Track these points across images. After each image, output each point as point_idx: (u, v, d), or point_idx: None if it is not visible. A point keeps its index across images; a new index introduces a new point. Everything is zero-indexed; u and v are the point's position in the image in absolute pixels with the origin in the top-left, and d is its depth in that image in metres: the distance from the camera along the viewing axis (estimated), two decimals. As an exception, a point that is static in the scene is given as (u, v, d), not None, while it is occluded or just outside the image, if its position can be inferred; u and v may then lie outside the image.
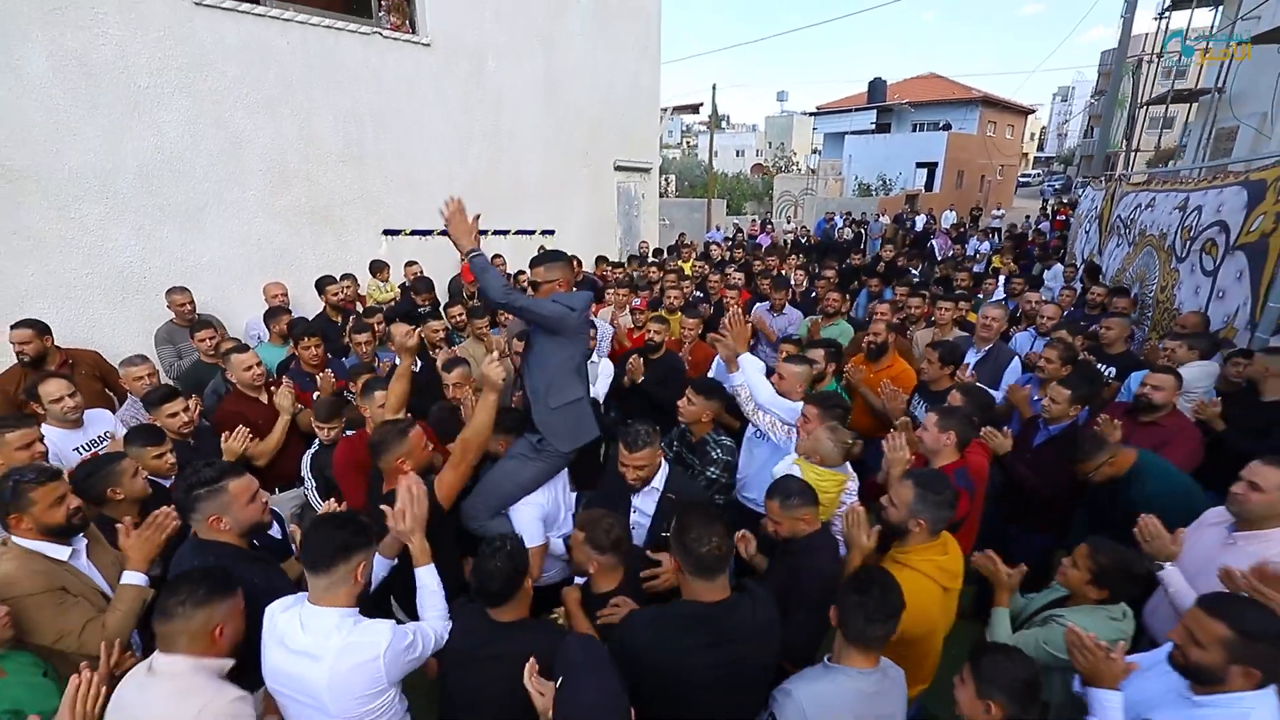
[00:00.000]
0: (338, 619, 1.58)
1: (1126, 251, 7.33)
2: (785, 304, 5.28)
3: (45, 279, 4.46)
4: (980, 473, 2.88)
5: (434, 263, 6.50)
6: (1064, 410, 3.12)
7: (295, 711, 1.62)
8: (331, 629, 1.55)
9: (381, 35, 6.10)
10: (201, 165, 5.10)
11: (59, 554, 2.02)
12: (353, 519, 1.74)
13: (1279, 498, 2.12)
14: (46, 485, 1.97)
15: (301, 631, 1.55)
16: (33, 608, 1.88)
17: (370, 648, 1.57)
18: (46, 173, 4.36)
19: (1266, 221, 4.28)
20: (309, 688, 1.55)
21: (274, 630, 1.61)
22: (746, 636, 1.66)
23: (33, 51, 4.18)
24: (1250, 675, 1.53)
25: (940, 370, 3.44)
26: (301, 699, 1.58)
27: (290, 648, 1.56)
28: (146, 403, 3.10)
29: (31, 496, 1.94)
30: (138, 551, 2.04)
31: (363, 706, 1.56)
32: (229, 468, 2.06)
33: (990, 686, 1.62)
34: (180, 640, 1.49)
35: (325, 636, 1.54)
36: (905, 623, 1.96)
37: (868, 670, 1.65)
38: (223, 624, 1.53)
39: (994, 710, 1.59)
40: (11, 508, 1.94)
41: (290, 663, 1.56)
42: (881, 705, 1.64)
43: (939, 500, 2.03)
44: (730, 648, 1.63)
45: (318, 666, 1.52)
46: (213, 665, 1.53)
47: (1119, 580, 2.05)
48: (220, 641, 1.53)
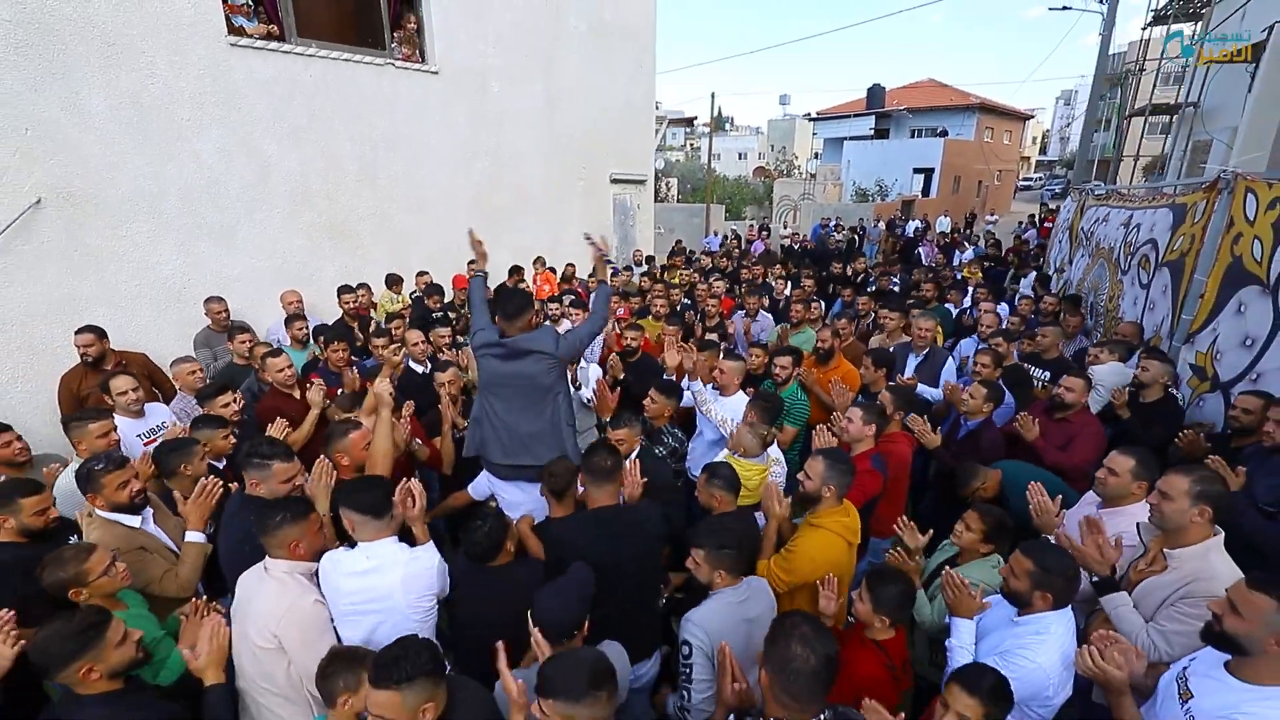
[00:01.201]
0: (394, 544, 2.16)
1: (1087, 262, 7.83)
2: (759, 310, 5.81)
3: (101, 289, 5.06)
4: (901, 459, 3.43)
5: (441, 270, 7.08)
6: (978, 406, 3.62)
7: (365, 626, 2.09)
8: (395, 550, 2.14)
9: (394, 66, 6.69)
10: (234, 188, 5.70)
11: (133, 522, 2.59)
12: (385, 483, 2.33)
13: (1129, 480, 2.52)
14: (115, 472, 2.52)
15: (365, 559, 2.11)
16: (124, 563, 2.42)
17: (429, 559, 2.16)
18: (103, 197, 4.97)
19: (1185, 242, 4.78)
20: (380, 592, 2.07)
21: (337, 569, 2.13)
22: (627, 529, 2.44)
23: (93, 92, 4.79)
24: (1046, 599, 2.06)
25: (875, 373, 3.97)
26: (370, 608, 2.07)
27: (358, 571, 2.10)
28: (201, 396, 3.68)
29: (103, 481, 2.50)
30: (195, 515, 2.60)
31: (423, 601, 2.12)
32: (281, 452, 2.60)
33: (880, 602, 2.19)
34: (277, 551, 2.10)
35: (391, 555, 2.12)
36: (821, 571, 2.52)
37: (734, 586, 2.20)
38: (298, 540, 2.11)
39: (884, 620, 2.18)
40: (89, 489, 2.51)
41: (358, 582, 2.08)
42: (750, 608, 2.19)
43: (843, 469, 2.57)
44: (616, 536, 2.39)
45: (389, 574, 2.07)
46: (302, 568, 2.12)
47: (1000, 534, 2.61)
48: (300, 551, 2.11)
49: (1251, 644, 1.62)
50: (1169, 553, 2.16)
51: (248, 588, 2.11)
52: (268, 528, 2.09)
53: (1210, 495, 2.13)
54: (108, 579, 2.12)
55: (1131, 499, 2.54)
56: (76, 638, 1.75)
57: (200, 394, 3.68)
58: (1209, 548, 2.10)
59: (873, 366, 3.97)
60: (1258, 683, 1.62)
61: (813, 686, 1.59)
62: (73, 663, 1.73)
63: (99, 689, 1.78)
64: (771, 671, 1.62)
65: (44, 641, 1.75)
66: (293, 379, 4.00)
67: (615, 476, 2.53)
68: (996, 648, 2.09)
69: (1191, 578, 2.04)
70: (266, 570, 2.11)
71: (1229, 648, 1.68)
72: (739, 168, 42.63)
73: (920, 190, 27.92)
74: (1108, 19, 11.25)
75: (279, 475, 2.52)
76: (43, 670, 1.77)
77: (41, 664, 1.75)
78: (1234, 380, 3.86)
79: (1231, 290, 4.04)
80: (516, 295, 3.20)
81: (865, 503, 2.98)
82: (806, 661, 1.57)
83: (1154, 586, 2.14)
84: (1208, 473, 2.19)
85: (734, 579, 2.19)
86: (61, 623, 1.80)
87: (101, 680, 1.78)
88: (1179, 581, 2.07)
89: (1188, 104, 11.88)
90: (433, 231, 7.25)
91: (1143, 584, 2.19)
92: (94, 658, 1.76)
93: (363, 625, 2.11)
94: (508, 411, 3.00)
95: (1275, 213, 3.70)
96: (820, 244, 15.53)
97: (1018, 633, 2.11)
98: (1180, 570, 2.10)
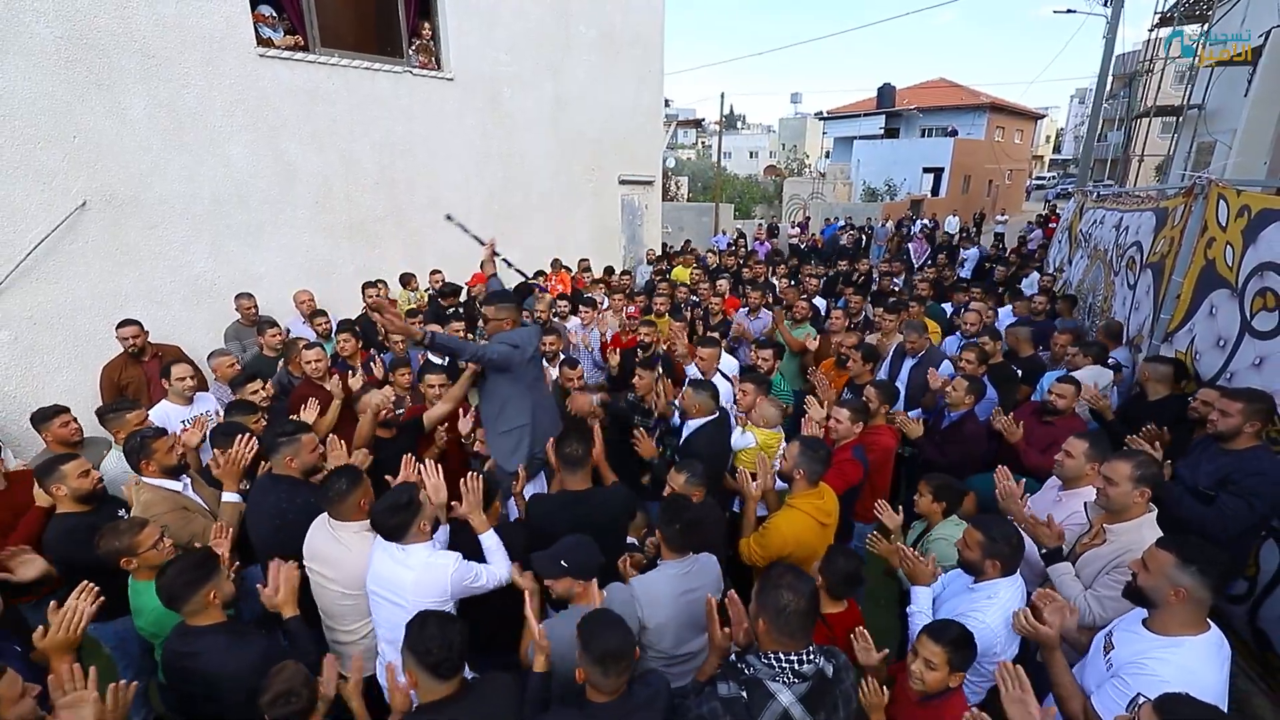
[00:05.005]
0: (426, 549, 2.36)
1: (1085, 263, 8.00)
2: (761, 306, 6.05)
3: (138, 286, 5.41)
4: (884, 449, 3.67)
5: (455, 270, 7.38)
6: (961, 399, 3.85)
7: (386, 611, 2.31)
8: (423, 552, 2.33)
9: (411, 73, 6.99)
10: (261, 190, 6.03)
11: (175, 487, 2.96)
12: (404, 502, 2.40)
13: (1084, 461, 2.75)
14: (162, 439, 2.95)
15: (400, 549, 2.31)
16: (171, 520, 2.77)
17: (442, 568, 2.32)
18: (142, 200, 5.31)
19: (1164, 244, 4.97)
20: (400, 587, 2.26)
21: (378, 548, 2.39)
22: (596, 507, 2.81)
23: (135, 101, 5.13)
24: (995, 566, 2.31)
25: (862, 367, 4.22)
26: (392, 598, 2.28)
27: (394, 557, 2.31)
28: (233, 384, 4.00)
29: (154, 446, 2.89)
30: (229, 477, 2.94)
31: (430, 604, 2.28)
32: (305, 426, 3.00)
33: (825, 570, 2.46)
34: (349, 513, 2.46)
35: (417, 555, 2.31)
36: (791, 548, 2.79)
37: (679, 560, 2.41)
38: (364, 498, 2.48)
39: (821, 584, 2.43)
40: (142, 455, 2.86)
41: (392, 568, 2.30)
42: (691, 581, 2.39)
43: (813, 457, 2.81)
44: (587, 515, 2.72)
45: (410, 572, 2.27)
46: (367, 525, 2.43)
47: (945, 493, 2.91)
48: (365, 508, 2.46)
49: (1157, 596, 1.86)
50: (1108, 527, 2.41)
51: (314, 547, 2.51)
52: (338, 495, 2.42)
53: (1149, 478, 2.38)
54: (155, 552, 2.38)
55: (1086, 479, 2.76)
56: (201, 566, 2.10)
57: (233, 382, 4.00)
58: (1143, 523, 2.35)
59: (860, 360, 4.22)
60: (1164, 633, 1.87)
61: (805, 623, 1.83)
62: (202, 586, 2.06)
63: (214, 618, 2.10)
64: (767, 618, 1.84)
65: (174, 575, 2.06)
66: (322, 370, 4.32)
67: (586, 464, 2.87)
68: (954, 610, 2.34)
69: (1125, 549, 2.28)
70: (337, 539, 2.45)
71: (1141, 601, 1.93)
72: (750, 166, 42.66)
73: (930, 190, 27.93)
74: (1111, 22, 11.34)
75: (307, 445, 2.89)
76: (174, 599, 2.05)
77: (174, 593, 2.05)
78: (1214, 378, 4.04)
79: (1206, 292, 4.23)
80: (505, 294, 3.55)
81: (846, 490, 3.23)
82: (797, 604, 1.81)
83: (1093, 557, 2.39)
84: (1145, 458, 2.43)
85: (676, 553, 2.43)
86: (181, 559, 2.14)
87: (217, 608, 2.11)
88: (1115, 553, 2.32)
89: (1192, 106, 11.96)
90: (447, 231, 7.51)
91: (1084, 555, 2.44)
92: (215, 584, 2.10)
93: (382, 610, 2.36)
94: (543, 401, 3.37)
95: (1244, 220, 3.89)
96: (832, 243, 15.69)
97: (972, 598, 2.36)
98: (1117, 542, 2.34)
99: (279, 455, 2.84)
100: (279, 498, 2.79)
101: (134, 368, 4.70)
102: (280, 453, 2.83)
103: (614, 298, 6.22)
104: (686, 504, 2.50)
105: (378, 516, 2.33)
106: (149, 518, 2.64)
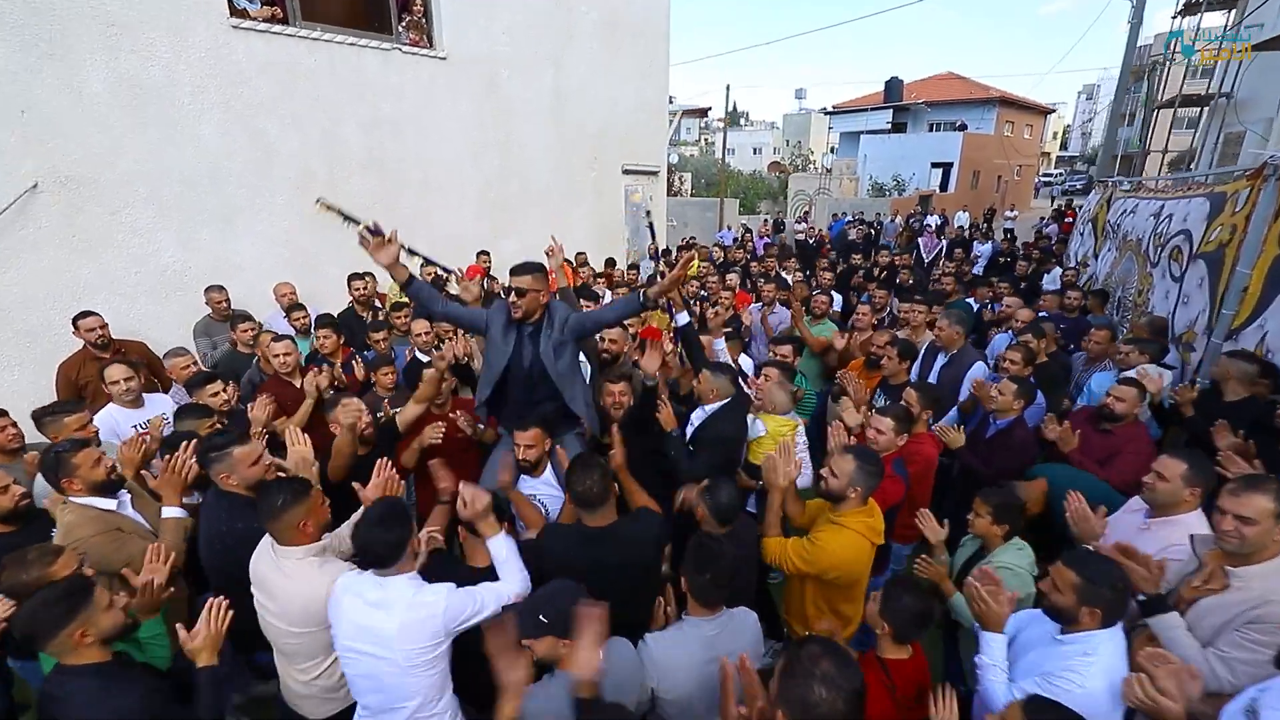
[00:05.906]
0: (407, 581, 1.94)
1: (1114, 256, 7.55)
2: (776, 300, 5.64)
3: (99, 276, 4.97)
4: (927, 460, 3.23)
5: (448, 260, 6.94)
6: (1008, 404, 3.40)
7: (366, 666, 1.90)
8: (405, 587, 1.91)
9: (400, 51, 6.55)
10: (236, 173, 5.59)
11: (108, 505, 2.49)
12: (400, 513, 2.04)
13: (1181, 486, 2.29)
14: (83, 451, 2.43)
15: (377, 588, 1.91)
16: (99, 545, 2.33)
17: (431, 606, 1.90)
18: (101, 181, 4.87)
19: (1224, 232, 4.52)
20: (380, 635, 1.86)
21: (349, 589, 1.95)
22: (622, 546, 2.30)
23: (93, 74, 4.69)
24: (1094, 615, 1.86)
25: (899, 365, 3.77)
26: (371, 650, 1.88)
27: (369, 600, 1.89)
28: (189, 385, 3.56)
29: (74, 461, 2.40)
30: (167, 490, 2.48)
31: (422, 653, 1.89)
32: (234, 438, 2.47)
33: (888, 610, 2.03)
34: (286, 534, 2.02)
35: (399, 593, 1.89)
36: (840, 570, 2.39)
37: (710, 618, 2.01)
38: (305, 519, 2.03)
39: (886, 628, 2.02)
40: (62, 473, 2.39)
41: (364, 615, 1.89)
42: (722, 645, 1.97)
43: (871, 471, 2.40)
44: (609, 556, 2.26)
45: (391, 616, 1.86)
46: (314, 550, 2.06)
47: (1008, 514, 2.49)
48: (309, 529, 2.04)
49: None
50: (1233, 571, 1.95)
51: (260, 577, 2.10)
52: (271, 512, 1.99)
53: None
54: None
55: (1184, 507, 2.33)
56: (66, 600, 1.72)
57: (189, 384, 3.56)
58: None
59: (896, 358, 3.77)
60: None
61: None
62: (66, 625, 1.70)
63: (90, 658, 1.75)
64: (790, 714, 1.41)
65: (32, 609, 1.71)
66: (291, 366, 3.89)
67: (607, 499, 2.33)
68: (1038, 668, 1.90)
69: (1261, 600, 1.83)
70: (278, 566, 2.02)
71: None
72: (754, 162, 42.27)
73: (938, 185, 27.43)
74: (1137, 7, 10.86)
75: (243, 460, 2.39)
76: (32, 640, 1.72)
77: (31, 633, 1.70)
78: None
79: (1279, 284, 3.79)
80: None
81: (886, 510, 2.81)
82: (833, 706, 1.38)
83: (1214, 607, 1.93)
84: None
85: (706, 610, 2.00)
86: (47, 590, 1.76)
87: (94, 647, 1.76)
88: (1246, 604, 1.86)
89: (1220, 95, 11.50)
90: (440, 220, 7.10)
91: (1199, 604, 1.98)
92: (86, 619, 1.74)
93: (360, 665, 1.93)
94: None
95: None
96: (839, 239, 15.25)
97: (1064, 653, 1.90)
98: (1247, 591, 1.88)
99: (212, 471, 2.40)
100: (219, 519, 2.39)
101: (94, 366, 4.26)
102: (212, 469, 2.39)
103: (617, 293, 5.79)
104: (720, 547, 2.03)
105: (369, 538, 1.92)
106: (71, 542, 2.25)
